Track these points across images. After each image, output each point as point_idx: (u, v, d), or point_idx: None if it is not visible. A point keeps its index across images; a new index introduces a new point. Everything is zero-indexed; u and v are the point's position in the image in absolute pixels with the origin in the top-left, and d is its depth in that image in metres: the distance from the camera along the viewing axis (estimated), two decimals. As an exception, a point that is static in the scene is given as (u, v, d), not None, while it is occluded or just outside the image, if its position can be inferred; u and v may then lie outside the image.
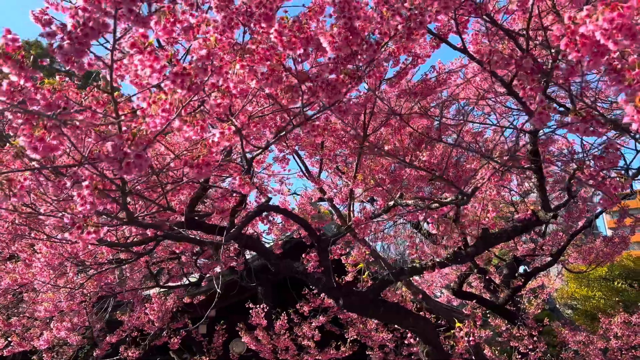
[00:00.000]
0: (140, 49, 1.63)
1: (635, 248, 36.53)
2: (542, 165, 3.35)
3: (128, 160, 1.60)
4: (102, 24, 1.51)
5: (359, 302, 4.07)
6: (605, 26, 1.52)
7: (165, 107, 1.79)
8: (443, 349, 4.44)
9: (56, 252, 5.23)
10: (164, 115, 1.79)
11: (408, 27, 2.12)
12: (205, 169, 1.92)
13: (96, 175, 2.01)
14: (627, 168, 2.36)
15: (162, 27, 1.67)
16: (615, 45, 1.57)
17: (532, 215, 3.66)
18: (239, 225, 3.47)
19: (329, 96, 2.30)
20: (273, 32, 2.00)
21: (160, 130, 1.93)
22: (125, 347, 7.73)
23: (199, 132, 1.89)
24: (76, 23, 1.50)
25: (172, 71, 1.64)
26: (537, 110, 1.90)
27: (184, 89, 1.67)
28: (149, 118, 1.78)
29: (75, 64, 1.66)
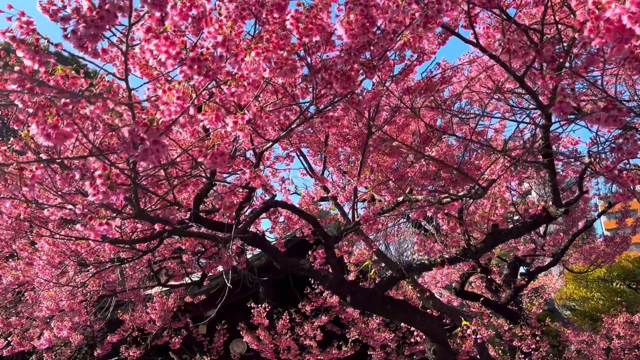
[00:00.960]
0: (156, 34, 1.59)
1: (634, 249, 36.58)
2: (553, 161, 3.32)
3: (145, 147, 1.56)
4: (118, 7, 1.47)
5: (366, 299, 4.03)
6: (633, 9, 1.49)
7: (180, 95, 1.75)
8: (450, 347, 4.40)
9: (58, 250, 5.19)
10: (179, 103, 1.75)
11: (425, 15, 2.09)
12: (220, 158, 1.88)
13: (109, 166, 1.97)
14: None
15: (178, 12, 1.63)
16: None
17: (542, 210, 3.63)
18: (248, 221, 3.43)
19: (343, 87, 2.27)
20: (289, 18, 1.97)
21: (176, 119, 1.90)
22: (126, 346, 7.68)
23: (213, 121, 1.85)
24: (92, 5, 1.46)
25: (189, 56, 1.60)
26: (557, 100, 1.87)
27: (200, 75, 1.63)
28: (164, 106, 1.74)
29: (89, 50, 1.63)
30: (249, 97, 2.57)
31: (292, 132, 5.65)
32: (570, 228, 10.02)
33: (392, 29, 2.10)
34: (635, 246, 38.54)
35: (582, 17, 1.65)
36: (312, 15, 1.99)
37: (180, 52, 1.71)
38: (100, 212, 2.02)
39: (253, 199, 3.56)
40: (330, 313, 8.16)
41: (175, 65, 1.74)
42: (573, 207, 11.17)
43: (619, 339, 8.32)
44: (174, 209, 3.65)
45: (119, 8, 1.48)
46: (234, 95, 1.99)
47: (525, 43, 2.23)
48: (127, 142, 1.56)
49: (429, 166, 4.17)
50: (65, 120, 1.66)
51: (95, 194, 1.84)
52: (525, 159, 3.37)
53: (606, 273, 24.95)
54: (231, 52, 1.78)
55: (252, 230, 4.80)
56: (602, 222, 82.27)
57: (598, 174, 2.49)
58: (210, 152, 1.87)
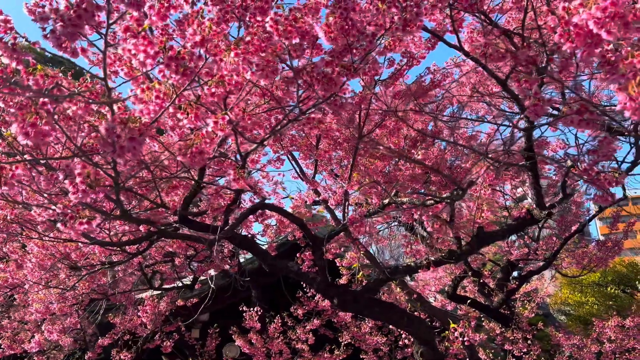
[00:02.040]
0: (134, 33, 1.62)
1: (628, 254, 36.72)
2: (537, 162, 3.36)
3: (121, 144, 1.58)
4: (95, 6, 1.49)
5: (353, 301, 4.04)
6: (598, 15, 1.53)
7: (159, 94, 1.77)
8: (438, 349, 4.42)
9: (47, 252, 5.18)
10: (157, 102, 1.77)
11: (404, 18, 2.12)
12: (199, 157, 1.90)
13: (90, 165, 1.99)
14: (622, 162, 2.37)
15: (156, 12, 1.66)
16: (608, 34, 1.58)
17: (527, 213, 3.66)
18: (234, 223, 3.45)
19: (325, 89, 2.30)
20: (269, 20, 2.00)
21: (155, 118, 1.92)
22: (117, 350, 7.65)
23: (192, 121, 1.87)
24: (69, 5, 1.49)
25: (167, 55, 1.63)
26: (531, 103, 1.90)
27: (177, 74, 1.65)
28: (143, 105, 1.76)
29: (68, 49, 1.65)
30: (233, 98, 2.60)
31: (284, 135, 5.68)
32: (563, 232, 10.06)
33: (371, 32, 2.13)
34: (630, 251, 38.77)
35: (553, 22, 1.69)
36: (291, 17, 2.01)
37: (159, 51, 1.73)
38: (82, 212, 2.04)
39: (240, 201, 3.57)
40: (322, 317, 8.16)
41: (154, 64, 1.76)
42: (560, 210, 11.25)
43: (610, 343, 8.35)
44: (162, 211, 3.66)
45: (97, 7, 1.51)
46: (214, 95, 2.01)
47: (501, 47, 2.27)
48: (104, 140, 1.58)
49: (415, 169, 4.20)
50: (44, 119, 1.68)
51: (75, 192, 1.86)
52: (507, 161, 3.41)
53: (601, 278, 25.05)
54: (210, 53, 1.81)
55: (242, 234, 4.82)
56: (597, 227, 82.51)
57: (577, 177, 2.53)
58: (189, 150, 1.89)
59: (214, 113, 2.48)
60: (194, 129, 2.08)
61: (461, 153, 5.06)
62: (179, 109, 1.94)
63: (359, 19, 2.24)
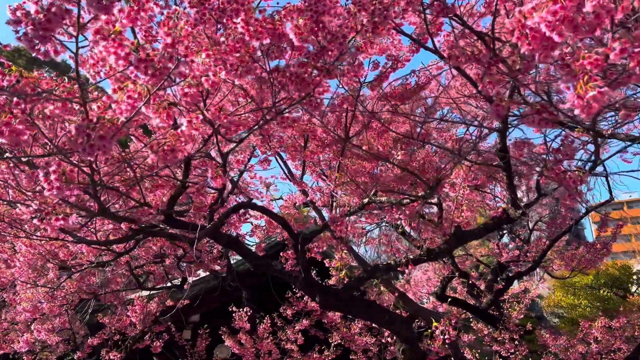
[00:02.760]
0: (104, 36, 1.67)
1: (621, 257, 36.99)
2: (510, 163, 3.43)
3: (91, 142, 1.64)
4: (64, 10, 1.55)
5: (335, 299, 4.10)
6: (549, 18, 1.59)
7: (131, 94, 1.83)
8: (419, 347, 4.48)
9: (35, 251, 5.22)
10: (129, 102, 1.83)
11: (373, 21, 2.19)
12: (171, 156, 1.96)
13: (66, 163, 2.05)
14: (587, 161, 2.43)
15: (126, 15, 1.72)
16: (560, 37, 1.65)
17: (502, 213, 3.74)
18: (215, 222, 3.50)
19: (299, 89, 2.36)
20: (240, 21, 2.06)
21: (129, 118, 1.98)
22: (106, 350, 7.67)
23: (165, 120, 1.93)
24: (39, 9, 1.55)
25: (136, 57, 1.69)
26: (493, 103, 1.97)
27: (147, 75, 1.71)
28: (115, 105, 1.82)
29: (40, 51, 1.70)
30: (219, 99, 2.66)
31: (272, 137, 5.74)
32: (553, 235, 10.17)
33: (341, 34, 2.20)
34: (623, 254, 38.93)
35: (511, 25, 1.75)
36: (262, 19, 2.08)
37: (130, 53, 1.79)
38: (58, 208, 2.09)
39: (224, 200, 3.62)
40: (311, 317, 8.20)
41: (125, 66, 1.82)
42: (551, 213, 11.34)
43: (597, 343, 8.43)
44: (147, 210, 3.71)
45: (66, 11, 1.57)
46: (187, 95, 2.07)
47: (465, 50, 2.33)
48: (74, 139, 1.63)
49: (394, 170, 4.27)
50: (18, 118, 1.73)
51: (50, 189, 1.91)
52: (480, 161, 3.48)
53: (593, 280, 25.22)
54: (181, 54, 1.87)
55: (229, 233, 4.87)
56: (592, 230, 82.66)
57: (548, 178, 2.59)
58: (160, 148, 1.95)
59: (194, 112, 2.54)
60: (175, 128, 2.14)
61: (445, 155, 5.13)
62: (153, 110, 2.00)
63: (329, 21, 2.31)
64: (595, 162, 2.31)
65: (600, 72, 1.73)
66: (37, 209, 2.05)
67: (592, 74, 1.65)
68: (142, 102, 1.91)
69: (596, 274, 25.44)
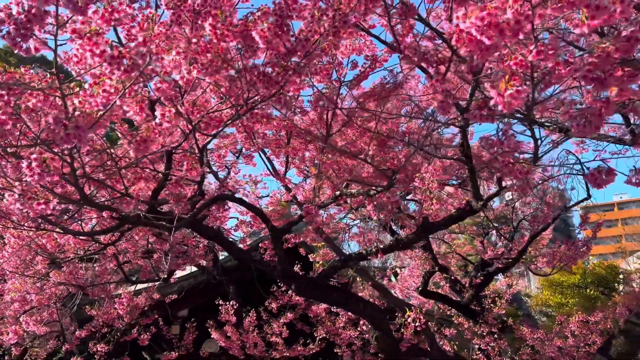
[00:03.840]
0: (80, 35, 1.85)
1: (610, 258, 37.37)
2: (471, 157, 3.63)
3: (68, 132, 1.82)
4: (43, 12, 1.73)
5: (310, 288, 4.29)
6: (478, 24, 1.79)
7: (106, 88, 2.01)
8: (392, 334, 4.68)
9: (24, 243, 5.36)
10: (104, 96, 2.01)
11: (334, 25, 2.38)
12: (143, 146, 2.14)
13: (47, 152, 2.22)
14: (534, 154, 2.61)
15: (100, 16, 1.90)
16: (489, 40, 1.84)
17: (466, 204, 3.94)
18: (194, 212, 3.67)
19: (266, 87, 2.55)
20: (208, 25, 2.24)
21: (105, 110, 2.16)
22: (94, 342, 7.82)
23: (138, 112, 2.11)
24: (21, 10, 1.72)
25: (109, 54, 1.87)
26: (439, 100, 2.16)
27: (119, 70, 1.89)
28: (91, 98, 2.00)
29: (22, 48, 1.88)
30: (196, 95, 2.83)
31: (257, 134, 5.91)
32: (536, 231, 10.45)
33: (304, 37, 2.38)
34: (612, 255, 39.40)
35: (450, 29, 1.95)
36: (227, 22, 2.26)
37: (105, 50, 1.97)
38: (40, 194, 2.26)
39: (203, 192, 3.80)
40: (296, 310, 8.40)
41: (100, 62, 2.00)
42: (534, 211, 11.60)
43: (574, 337, 8.68)
44: (130, 201, 3.89)
45: (45, 12, 1.74)
46: (159, 90, 2.25)
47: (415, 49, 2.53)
48: (53, 128, 1.81)
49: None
50: (2, 109, 1.91)
51: (32, 175, 2.09)
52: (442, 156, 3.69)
53: (581, 280, 25.60)
54: (152, 52, 2.05)
55: (211, 226, 5.04)
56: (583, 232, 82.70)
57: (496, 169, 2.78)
58: (134, 139, 2.13)
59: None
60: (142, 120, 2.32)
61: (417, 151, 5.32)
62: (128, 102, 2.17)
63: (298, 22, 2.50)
64: (535, 155, 2.49)
65: (527, 74, 1.93)
66: (20, 194, 2.22)
67: (517, 73, 1.85)
68: (117, 96, 2.09)
69: (583, 274, 25.84)
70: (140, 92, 2.18)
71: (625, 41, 1.82)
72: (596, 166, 2.37)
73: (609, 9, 1.65)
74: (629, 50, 1.84)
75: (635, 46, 1.84)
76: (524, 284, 53.49)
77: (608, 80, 1.85)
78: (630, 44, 1.82)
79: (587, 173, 2.25)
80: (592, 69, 1.86)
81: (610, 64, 1.86)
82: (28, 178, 2.09)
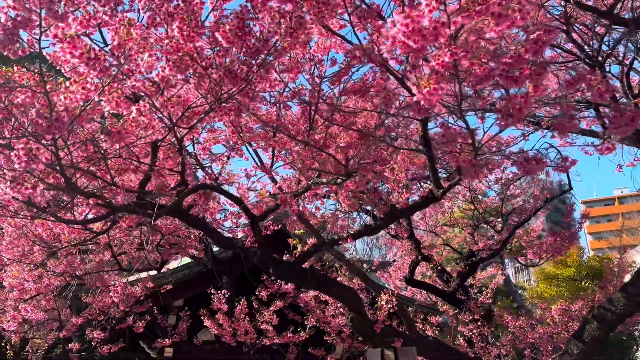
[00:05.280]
0: (61, 39, 2.13)
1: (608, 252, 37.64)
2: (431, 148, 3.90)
3: (49, 123, 2.10)
4: (28, 19, 2.00)
5: (288, 271, 4.57)
6: (403, 29, 2.06)
7: (85, 85, 2.29)
8: (367, 316, 4.96)
9: (21, 232, 5.66)
10: (83, 92, 2.29)
11: (290, 27, 2.65)
12: (117, 137, 2.42)
13: (34, 142, 2.50)
14: (472, 144, 2.86)
15: (79, 22, 2.17)
16: (415, 43, 2.11)
17: (429, 192, 4.22)
18: (175, 201, 3.95)
19: (232, 82, 2.82)
20: (175, 27, 2.52)
21: (85, 105, 2.44)
22: (91, 329, 8.12)
23: (114, 107, 2.39)
24: (8, 17, 2.00)
25: (86, 56, 2.14)
26: (382, 96, 2.43)
27: (95, 70, 2.17)
28: (71, 94, 2.28)
29: (10, 50, 2.15)
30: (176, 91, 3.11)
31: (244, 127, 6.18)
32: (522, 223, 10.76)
33: (263, 38, 2.66)
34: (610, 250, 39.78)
35: (386, 32, 2.22)
36: (193, 25, 2.53)
37: (83, 53, 2.25)
38: (28, 180, 2.55)
39: (185, 181, 4.06)
40: (285, 298, 8.70)
41: (80, 64, 2.28)
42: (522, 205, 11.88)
43: (555, 325, 8.97)
44: (117, 190, 4.17)
45: (29, 20, 2.02)
46: (134, 87, 2.53)
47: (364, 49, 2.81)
48: (35, 120, 2.09)
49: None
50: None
51: (19, 162, 2.37)
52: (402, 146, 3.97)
53: (575, 273, 25.88)
54: (126, 54, 2.32)
55: (197, 215, 5.31)
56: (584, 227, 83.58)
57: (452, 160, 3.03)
58: (111, 130, 2.41)
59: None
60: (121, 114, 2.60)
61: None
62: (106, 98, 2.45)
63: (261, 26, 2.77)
64: (473, 144, 2.72)
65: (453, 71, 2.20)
66: (10, 180, 2.50)
67: (442, 73, 2.12)
68: (96, 93, 2.37)
69: (578, 266, 26.14)
70: (117, 89, 2.46)
71: (533, 43, 2.09)
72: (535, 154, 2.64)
73: (511, 16, 1.92)
74: (538, 52, 2.11)
75: (543, 48, 2.12)
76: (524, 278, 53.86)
77: (520, 78, 2.12)
78: (538, 46, 2.09)
79: (517, 161, 2.52)
80: (505, 68, 2.13)
81: (523, 63, 2.13)
82: (16, 165, 2.37)
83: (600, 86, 2.27)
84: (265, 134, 6.50)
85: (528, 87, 2.24)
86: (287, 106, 5.63)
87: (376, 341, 5.12)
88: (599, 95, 2.32)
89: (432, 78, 2.00)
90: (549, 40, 2.07)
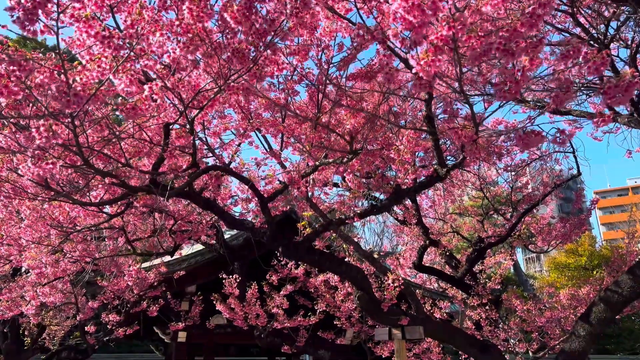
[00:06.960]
0: (78, 19, 2.25)
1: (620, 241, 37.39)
2: (435, 128, 3.98)
3: (68, 98, 2.23)
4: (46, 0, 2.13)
5: (295, 250, 4.70)
6: (403, 4, 2.14)
7: (100, 64, 2.41)
8: (373, 294, 5.08)
9: (38, 215, 5.84)
10: (99, 70, 2.41)
11: (295, 7, 2.75)
12: (132, 113, 2.54)
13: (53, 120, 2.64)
14: (473, 120, 2.93)
15: (94, 3, 2.29)
16: (415, 18, 2.20)
17: (434, 172, 4.30)
18: (186, 182, 4.08)
19: (240, 62, 2.93)
20: (185, 7, 2.62)
21: (102, 83, 2.56)
22: (106, 313, 8.36)
23: (128, 85, 2.51)
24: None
25: (101, 35, 2.26)
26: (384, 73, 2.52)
27: (110, 49, 2.29)
28: (88, 72, 2.40)
29: (30, 31, 2.28)
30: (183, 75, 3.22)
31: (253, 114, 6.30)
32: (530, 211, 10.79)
33: (270, 19, 2.76)
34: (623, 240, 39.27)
35: (388, 9, 2.30)
36: (202, 5, 2.63)
37: (99, 32, 2.37)
38: (48, 156, 2.69)
39: (197, 163, 4.19)
40: (295, 283, 8.86)
41: (96, 43, 2.40)
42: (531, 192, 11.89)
43: (563, 309, 9.03)
44: (132, 172, 4.31)
45: (47, 0, 2.14)
46: (146, 66, 2.65)
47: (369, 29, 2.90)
48: (56, 95, 2.22)
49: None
50: (14, 83, 2.31)
51: (40, 138, 2.51)
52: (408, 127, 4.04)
53: (587, 261, 25.84)
54: (139, 33, 2.44)
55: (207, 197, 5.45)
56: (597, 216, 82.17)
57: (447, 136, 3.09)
58: (125, 107, 2.54)
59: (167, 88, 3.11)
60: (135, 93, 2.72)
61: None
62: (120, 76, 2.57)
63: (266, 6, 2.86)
64: (474, 121, 2.79)
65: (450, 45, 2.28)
66: (32, 155, 2.64)
67: (441, 47, 2.20)
68: (110, 72, 2.49)
69: (590, 255, 26.06)
70: (130, 70, 2.58)
71: (528, 17, 2.17)
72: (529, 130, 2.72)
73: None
74: (533, 25, 2.19)
75: (538, 21, 2.19)
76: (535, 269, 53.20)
77: (516, 51, 2.20)
78: (533, 20, 2.17)
79: (518, 136, 2.60)
80: (502, 42, 2.21)
81: (518, 37, 2.21)
82: (37, 141, 2.50)
83: (596, 59, 2.34)
84: (274, 120, 6.63)
85: (524, 60, 2.32)
86: (295, 92, 5.73)
87: (383, 319, 5.24)
88: (595, 70, 2.39)
89: (430, 51, 2.09)
90: (543, 14, 2.15)
